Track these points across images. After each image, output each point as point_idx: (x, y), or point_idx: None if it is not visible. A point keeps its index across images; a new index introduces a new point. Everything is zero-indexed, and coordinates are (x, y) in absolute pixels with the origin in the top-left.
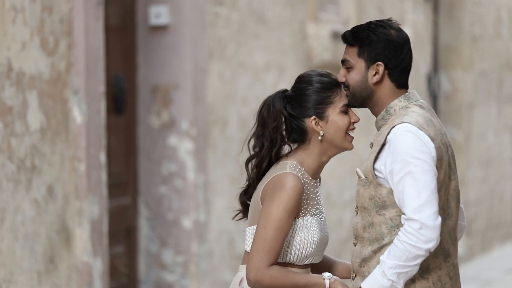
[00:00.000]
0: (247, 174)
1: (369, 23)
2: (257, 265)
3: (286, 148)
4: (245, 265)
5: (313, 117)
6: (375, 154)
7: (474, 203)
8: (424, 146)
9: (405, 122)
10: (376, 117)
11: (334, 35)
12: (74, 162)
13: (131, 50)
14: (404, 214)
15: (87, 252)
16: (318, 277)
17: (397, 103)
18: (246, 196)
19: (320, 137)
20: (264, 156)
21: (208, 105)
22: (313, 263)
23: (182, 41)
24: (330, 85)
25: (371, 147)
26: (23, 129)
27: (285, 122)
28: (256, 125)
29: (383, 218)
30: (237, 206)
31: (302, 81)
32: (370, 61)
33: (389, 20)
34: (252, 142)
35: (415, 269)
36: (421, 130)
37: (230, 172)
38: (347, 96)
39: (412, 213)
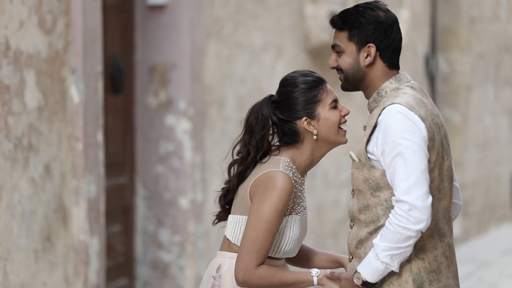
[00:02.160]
0: (228, 177)
1: (357, 6)
2: (246, 265)
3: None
4: (223, 252)
5: (304, 118)
6: (367, 137)
7: (470, 185)
8: (414, 127)
9: (396, 103)
10: (368, 99)
11: (332, 15)
12: (72, 141)
13: (129, 29)
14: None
15: (84, 231)
16: (306, 274)
17: (388, 85)
18: (225, 200)
19: (315, 137)
20: (249, 164)
21: (205, 85)
22: (289, 257)
23: (180, 21)
24: (315, 83)
25: (364, 129)
26: (20, 108)
27: (275, 127)
28: (243, 132)
29: (378, 200)
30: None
31: (286, 84)
32: (361, 44)
33: (376, 1)
34: (237, 148)
35: (409, 250)
36: (411, 110)
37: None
38: (340, 79)
39: (402, 195)
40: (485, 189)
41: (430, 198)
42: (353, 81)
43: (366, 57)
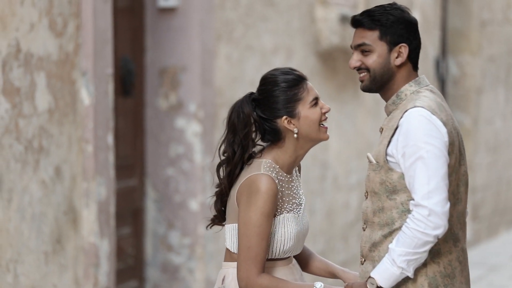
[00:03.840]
0: (219, 180)
1: (382, 6)
2: (246, 274)
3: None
4: (226, 263)
5: (284, 116)
6: (388, 139)
7: (481, 188)
8: (437, 131)
9: (418, 107)
10: (387, 102)
11: (343, 18)
12: (82, 143)
13: (139, 32)
14: (413, 199)
15: (94, 233)
16: (309, 287)
17: (408, 88)
18: (221, 203)
19: (295, 135)
20: (236, 163)
21: (215, 87)
22: (294, 254)
23: (190, 23)
24: (296, 82)
25: (381, 132)
26: (31, 110)
27: (257, 125)
28: (226, 131)
29: (393, 202)
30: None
31: (267, 83)
32: (393, 44)
33: (395, 3)
34: (222, 149)
35: (424, 256)
36: (433, 114)
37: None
38: (362, 81)
39: (421, 199)
40: (496, 193)
41: (449, 204)
42: (381, 81)
43: (397, 57)
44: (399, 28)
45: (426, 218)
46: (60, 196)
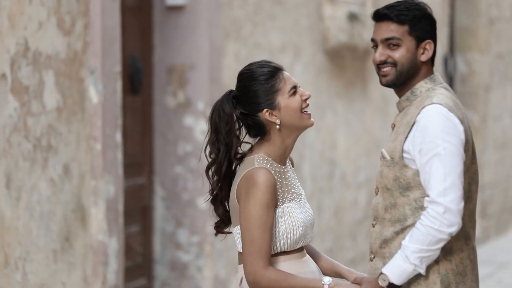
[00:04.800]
0: (210, 183)
1: (405, 1)
2: (253, 268)
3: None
4: (240, 266)
5: (265, 109)
6: (404, 135)
7: (489, 186)
8: (454, 129)
9: (436, 103)
10: (400, 98)
11: (351, 16)
12: (90, 141)
13: (147, 30)
14: (428, 196)
15: (102, 231)
16: (317, 281)
17: (423, 85)
18: (222, 207)
19: (278, 126)
20: (221, 161)
21: (224, 85)
22: (305, 244)
23: (198, 21)
24: (272, 73)
25: (393, 128)
26: (40, 109)
27: (241, 121)
28: (209, 132)
29: (406, 199)
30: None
31: (244, 78)
32: (420, 40)
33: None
34: (208, 150)
35: (437, 253)
36: (451, 112)
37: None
38: (385, 75)
39: (437, 196)
40: (504, 190)
41: (463, 202)
42: (407, 76)
43: (423, 53)
44: (425, 24)
45: (441, 216)
46: (69, 194)
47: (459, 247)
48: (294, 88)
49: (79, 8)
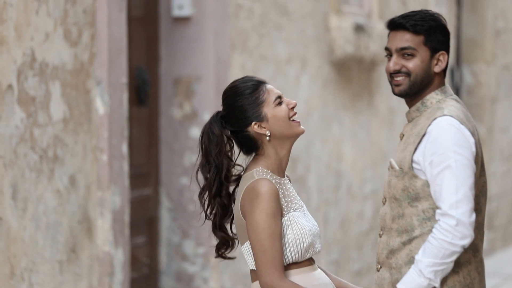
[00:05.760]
0: (203, 210)
1: (420, 11)
2: (269, 278)
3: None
4: (253, 283)
5: (253, 122)
6: (414, 146)
7: (496, 197)
8: (466, 141)
9: (447, 115)
10: (410, 108)
11: (357, 27)
12: (96, 152)
13: (153, 41)
14: (438, 207)
15: (108, 242)
16: None
17: (434, 96)
18: (222, 228)
19: (268, 137)
20: (211, 182)
21: None
22: (314, 254)
23: (205, 32)
24: (255, 87)
25: (401, 138)
26: (46, 119)
27: (232, 140)
28: (200, 155)
29: (415, 210)
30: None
31: (228, 96)
32: (434, 51)
33: (430, 10)
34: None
35: (451, 266)
36: (462, 124)
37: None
38: (398, 85)
39: (449, 209)
40: (510, 202)
41: (474, 214)
42: (420, 86)
43: (436, 64)
44: (440, 35)
45: (453, 228)
46: (75, 205)
47: (466, 260)
48: (279, 98)
49: (85, 19)
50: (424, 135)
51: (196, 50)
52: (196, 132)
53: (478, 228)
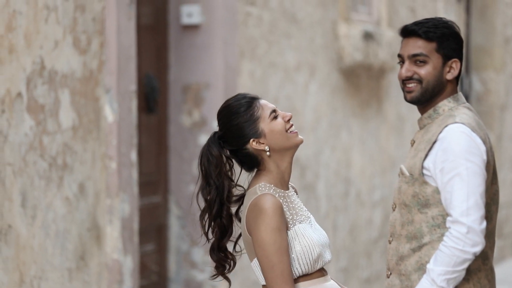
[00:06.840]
0: (202, 231)
1: (433, 19)
2: None
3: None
4: None
5: (251, 139)
6: (425, 152)
7: (505, 205)
8: (477, 149)
9: (459, 123)
10: (422, 115)
11: (366, 35)
12: (106, 160)
13: (162, 49)
14: (449, 214)
15: (117, 250)
16: None
17: (446, 103)
18: (218, 249)
19: (268, 153)
20: (212, 204)
21: None
22: (324, 264)
23: (214, 40)
24: (249, 103)
25: (412, 144)
26: (55, 127)
27: (232, 159)
28: (200, 178)
29: (424, 216)
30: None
31: (224, 116)
32: (446, 58)
33: (443, 18)
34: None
35: (463, 274)
36: (474, 132)
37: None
38: (410, 92)
39: (460, 216)
40: None
41: (485, 222)
42: (432, 93)
43: (449, 71)
44: (453, 43)
45: (464, 236)
46: (84, 213)
47: (476, 267)
48: (274, 112)
49: (95, 27)
50: (435, 142)
51: (205, 58)
52: (205, 139)
53: (488, 236)
